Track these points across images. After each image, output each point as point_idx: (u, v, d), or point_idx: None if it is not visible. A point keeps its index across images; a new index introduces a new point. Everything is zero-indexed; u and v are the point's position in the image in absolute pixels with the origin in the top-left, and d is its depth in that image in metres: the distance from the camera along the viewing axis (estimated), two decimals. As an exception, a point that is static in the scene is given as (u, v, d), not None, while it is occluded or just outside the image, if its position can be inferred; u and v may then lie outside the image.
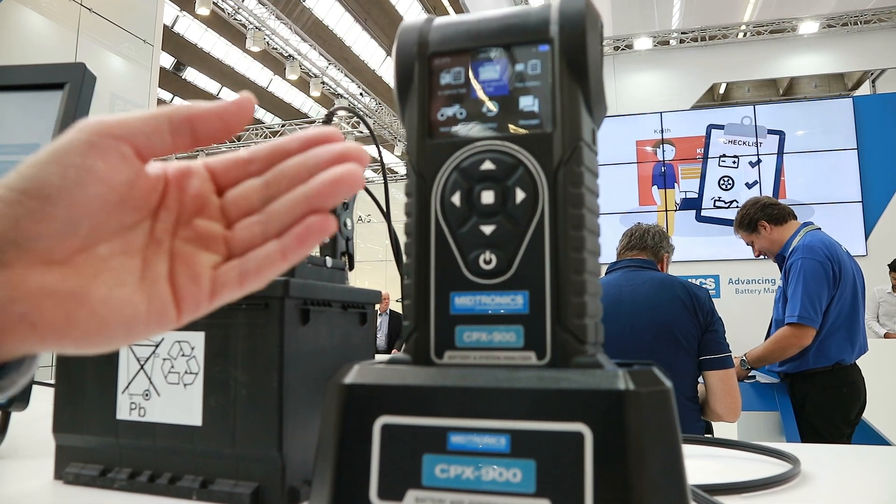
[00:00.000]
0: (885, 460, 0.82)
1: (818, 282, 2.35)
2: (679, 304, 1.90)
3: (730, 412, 1.93)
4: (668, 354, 1.88)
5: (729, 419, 1.97)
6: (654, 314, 1.91)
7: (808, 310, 2.33)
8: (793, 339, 2.38)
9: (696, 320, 1.90)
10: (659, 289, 1.95)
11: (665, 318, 1.90)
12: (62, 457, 0.60)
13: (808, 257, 2.39)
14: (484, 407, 0.33)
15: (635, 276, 2.02)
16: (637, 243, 2.14)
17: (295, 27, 9.87)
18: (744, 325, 4.55)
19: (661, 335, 1.89)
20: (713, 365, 1.91)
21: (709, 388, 1.93)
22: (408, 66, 0.39)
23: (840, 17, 8.31)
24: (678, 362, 1.89)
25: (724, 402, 1.91)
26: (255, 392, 0.53)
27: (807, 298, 2.34)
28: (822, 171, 5.94)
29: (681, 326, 1.89)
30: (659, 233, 2.16)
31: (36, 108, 0.78)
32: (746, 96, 11.43)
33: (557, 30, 0.36)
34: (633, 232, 2.17)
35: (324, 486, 0.35)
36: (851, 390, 2.42)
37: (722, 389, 1.91)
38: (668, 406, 0.33)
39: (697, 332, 1.90)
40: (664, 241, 2.16)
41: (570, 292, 0.35)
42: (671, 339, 1.89)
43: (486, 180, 0.36)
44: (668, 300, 1.92)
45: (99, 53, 5.06)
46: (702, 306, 1.91)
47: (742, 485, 0.58)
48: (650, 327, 1.90)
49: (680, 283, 1.97)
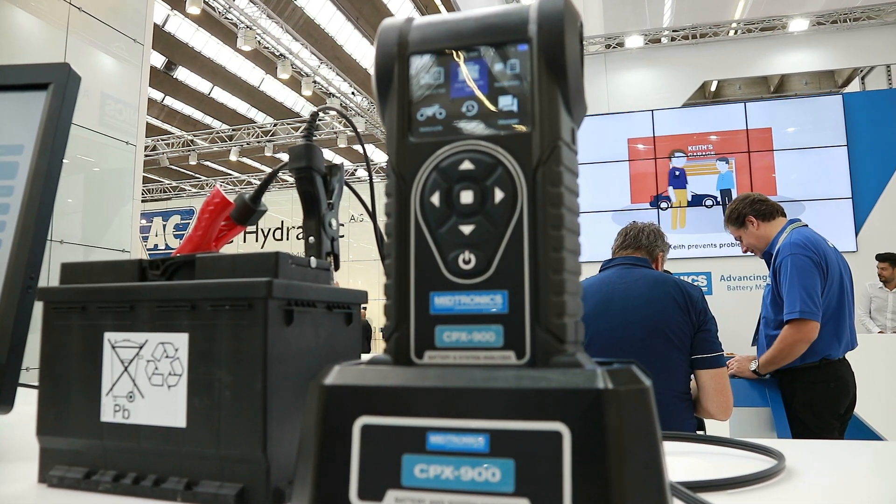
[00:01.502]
0: (871, 455, 0.82)
1: (811, 275, 2.36)
2: (672, 302, 1.91)
3: (721, 411, 1.94)
4: (661, 352, 1.89)
5: (720, 417, 1.98)
6: (646, 312, 1.92)
7: (808, 304, 2.33)
8: (798, 335, 2.37)
9: (689, 319, 1.91)
10: (652, 286, 1.96)
11: (657, 315, 1.90)
12: (46, 459, 0.60)
13: (796, 253, 2.40)
14: (463, 407, 0.33)
15: (628, 274, 2.03)
16: (631, 242, 2.14)
17: (286, 26, 9.84)
18: (735, 321, 4.57)
19: (653, 333, 1.90)
20: (705, 364, 1.91)
21: (700, 386, 1.94)
22: (387, 66, 0.39)
23: (830, 14, 8.35)
24: (671, 360, 1.90)
25: (715, 401, 1.91)
26: (239, 393, 0.52)
27: (804, 292, 2.34)
28: (813, 167, 5.98)
29: (673, 325, 1.89)
30: (654, 231, 2.16)
31: (19, 109, 0.78)
32: (737, 94, 11.48)
33: (536, 29, 0.36)
34: (628, 231, 2.18)
35: (305, 487, 0.35)
36: (839, 385, 2.44)
37: (713, 388, 1.91)
38: (647, 404, 0.33)
39: (690, 331, 1.91)
40: (659, 239, 2.17)
41: (550, 292, 0.35)
42: (663, 336, 1.89)
43: (465, 180, 0.36)
44: (661, 298, 1.92)
45: (89, 53, 5.03)
46: (694, 305, 1.92)
47: (726, 481, 0.58)
48: (643, 325, 1.91)
49: (673, 282, 1.97)
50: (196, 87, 13.01)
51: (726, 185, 6.14)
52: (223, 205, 0.70)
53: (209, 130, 13.61)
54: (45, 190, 0.73)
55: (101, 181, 5.47)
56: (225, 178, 16.14)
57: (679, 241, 5.95)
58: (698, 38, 8.70)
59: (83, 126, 4.81)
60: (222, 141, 13.39)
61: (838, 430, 2.46)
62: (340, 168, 0.72)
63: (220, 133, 13.30)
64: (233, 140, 13.28)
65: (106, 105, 5.12)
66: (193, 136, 13.41)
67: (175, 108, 13.70)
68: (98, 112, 5.04)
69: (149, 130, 11.92)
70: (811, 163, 5.97)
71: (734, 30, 8.75)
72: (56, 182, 0.74)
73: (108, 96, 5.14)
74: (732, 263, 5.93)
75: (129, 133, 5.29)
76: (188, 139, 13.40)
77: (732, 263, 5.93)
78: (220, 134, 13.31)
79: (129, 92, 5.34)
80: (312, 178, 0.67)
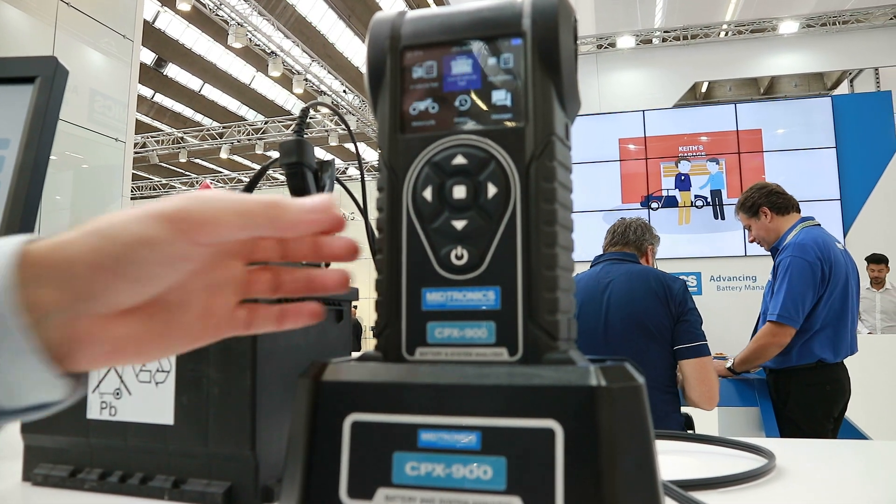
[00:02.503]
0: (860, 454, 0.83)
1: (803, 282, 2.34)
2: (652, 295, 1.94)
3: (704, 400, 1.97)
4: (640, 345, 1.92)
5: (704, 406, 2.01)
6: (627, 305, 1.95)
7: (790, 309, 2.33)
8: (770, 337, 2.37)
9: (668, 311, 1.94)
10: (633, 280, 1.99)
11: (637, 308, 1.94)
12: (31, 457, 0.59)
13: (797, 256, 2.38)
14: (455, 404, 0.33)
15: (612, 269, 2.06)
16: (619, 239, 2.18)
17: (277, 23, 9.80)
18: (725, 321, 4.59)
19: (632, 326, 1.93)
20: (687, 354, 1.95)
21: (684, 376, 1.98)
22: (380, 60, 0.39)
23: (819, 17, 8.40)
24: (650, 353, 1.93)
25: (697, 390, 1.95)
26: (227, 390, 0.52)
27: (789, 298, 2.33)
28: (802, 169, 6.01)
29: (652, 317, 1.93)
30: (641, 226, 2.19)
31: (5, 103, 0.77)
32: (728, 95, 11.53)
33: (530, 23, 0.36)
34: (616, 228, 2.21)
35: (294, 485, 0.35)
36: (836, 388, 2.42)
37: (695, 377, 1.94)
38: (641, 402, 0.33)
39: (669, 323, 1.94)
40: (647, 233, 2.20)
41: (543, 288, 0.34)
42: (643, 329, 1.93)
43: (457, 175, 0.36)
44: (642, 291, 1.96)
45: (78, 48, 4.99)
46: (674, 297, 1.95)
47: (717, 480, 0.58)
48: (623, 318, 1.94)
49: (654, 275, 2.00)
50: (186, 84, 12.93)
51: (716, 186, 6.16)
52: (212, 200, 0.69)
53: (199, 128, 13.53)
54: (32, 185, 0.72)
55: (90, 178, 5.42)
56: (215, 175, 16.07)
57: (670, 241, 5.98)
58: (689, 40, 8.74)
59: (72, 122, 4.77)
60: (213, 138, 13.31)
61: (831, 433, 2.45)
62: (332, 164, 0.71)
63: (210, 130, 13.22)
64: (223, 138, 13.21)
65: (95, 101, 5.07)
66: (183, 134, 13.33)
67: (165, 105, 13.61)
68: (87, 108, 5.00)
69: (138, 127, 11.83)
70: (800, 164, 6.00)
71: (725, 31, 8.79)
72: (43, 177, 0.73)
73: (97, 92, 5.09)
74: (722, 264, 5.96)
75: (118, 130, 5.25)
76: (178, 136, 13.32)
77: (722, 264, 5.96)
78: (210, 131, 13.23)
79: (119, 88, 5.29)
80: (303, 174, 0.66)
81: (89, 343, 0.31)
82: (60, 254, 0.29)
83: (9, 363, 0.28)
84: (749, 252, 5.72)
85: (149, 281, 0.31)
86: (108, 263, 0.29)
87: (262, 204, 0.32)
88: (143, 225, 0.30)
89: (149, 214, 0.30)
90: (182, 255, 0.31)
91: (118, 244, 0.29)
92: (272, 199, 0.33)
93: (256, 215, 0.32)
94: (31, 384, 0.29)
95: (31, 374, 0.29)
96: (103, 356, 0.32)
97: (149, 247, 0.30)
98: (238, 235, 0.32)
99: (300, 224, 0.33)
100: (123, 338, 0.32)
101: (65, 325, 0.30)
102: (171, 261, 0.31)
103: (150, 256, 0.30)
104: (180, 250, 0.31)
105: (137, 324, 0.32)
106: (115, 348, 0.32)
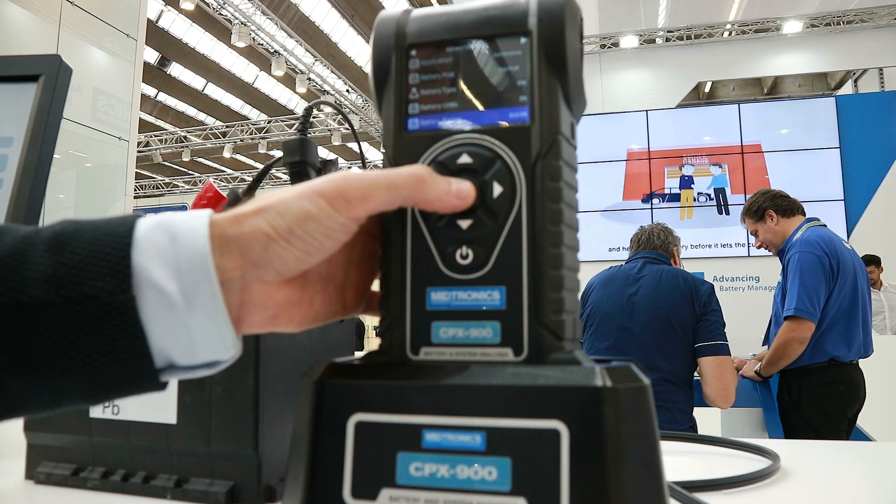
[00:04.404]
0: (864, 456, 0.82)
1: (815, 275, 2.33)
2: (679, 292, 2.07)
3: (719, 397, 2.05)
4: (662, 337, 2.04)
5: (720, 404, 2.10)
6: (655, 300, 2.08)
7: (805, 303, 2.31)
8: (790, 332, 2.35)
9: (693, 309, 2.05)
10: (664, 278, 2.12)
11: (664, 304, 2.06)
12: (33, 456, 0.59)
13: (804, 251, 2.38)
14: (459, 404, 0.33)
15: (647, 266, 2.19)
16: (646, 244, 2.26)
17: (281, 23, 9.81)
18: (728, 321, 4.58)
19: (657, 318, 2.05)
20: (706, 351, 2.04)
21: (701, 372, 2.07)
22: (385, 58, 0.38)
23: (823, 17, 8.37)
24: (671, 346, 2.04)
25: (713, 387, 2.04)
26: (230, 389, 0.52)
27: (804, 291, 2.32)
28: (805, 169, 6.00)
29: (677, 313, 2.05)
30: (662, 230, 2.30)
31: (9, 101, 0.77)
32: (731, 95, 11.50)
33: (536, 22, 0.36)
34: (640, 236, 2.31)
35: (297, 486, 0.35)
36: (850, 388, 2.39)
37: (712, 375, 2.03)
38: (646, 402, 0.33)
39: (692, 321, 2.05)
40: (669, 236, 2.30)
41: (548, 288, 0.34)
42: (666, 323, 2.04)
43: (463, 173, 0.36)
44: (670, 288, 2.09)
45: (81, 47, 4.99)
46: (699, 297, 2.06)
47: (722, 481, 0.58)
48: (649, 310, 2.07)
49: (684, 276, 2.13)
50: (190, 83, 12.94)
51: (720, 185, 6.15)
52: (216, 199, 0.69)
53: (203, 127, 13.54)
54: (35, 183, 0.72)
55: (94, 177, 5.42)
56: (218, 174, 16.07)
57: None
58: (693, 39, 8.71)
59: (75, 121, 4.77)
60: (216, 137, 13.32)
61: (845, 433, 2.42)
62: (335, 163, 0.71)
63: (213, 129, 13.23)
64: (226, 137, 13.21)
65: (98, 100, 5.07)
66: (187, 133, 13.33)
67: (168, 104, 13.63)
68: (90, 107, 5.00)
69: (142, 126, 11.86)
70: (804, 164, 5.98)
71: (728, 31, 8.76)
72: (46, 174, 0.73)
73: (100, 91, 5.09)
74: (726, 264, 5.95)
75: (121, 129, 5.24)
76: (181, 135, 13.32)
77: (726, 264, 5.95)
78: (213, 130, 13.23)
79: (122, 87, 5.29)
80: (307, 173, 0.66)
81: (256, 307, 0.35)
82: (239, 227, 0.33)
83: (202, 324, 0.32)
84: (752, 253, 5.71)
85: (314, 251, 0.34)
86: (281, 236, 0.33)
87: (409, 177, 0.34)
88: (308, 201, 0.34)
89: (311, 192, 0.34)
90: (340, 227, 0.34)
91: (288, 219, 0.33)
92: (418, 174, 0.35)
93: (402, 188, 0.34)
94: (212, 343, 0.33)
95: (217, 335, 0.33)
96: (264, 321, 0.35)
97: (314, 221, 0.33)
98: (387, 207, 0.35)
99: (439, 203, 0.35)
100: (282, 304, 0.36)
101: (240, 290, 0.34)
102: (331, 233, 0.34)
103: (314, 229, 0.34)
104: (338, 223, 0.34)
105: (294, 292, 0.36)
106: (275, 314, 0.36)
